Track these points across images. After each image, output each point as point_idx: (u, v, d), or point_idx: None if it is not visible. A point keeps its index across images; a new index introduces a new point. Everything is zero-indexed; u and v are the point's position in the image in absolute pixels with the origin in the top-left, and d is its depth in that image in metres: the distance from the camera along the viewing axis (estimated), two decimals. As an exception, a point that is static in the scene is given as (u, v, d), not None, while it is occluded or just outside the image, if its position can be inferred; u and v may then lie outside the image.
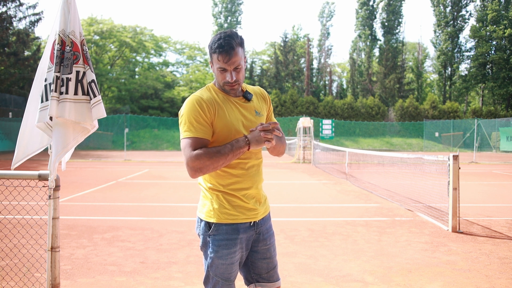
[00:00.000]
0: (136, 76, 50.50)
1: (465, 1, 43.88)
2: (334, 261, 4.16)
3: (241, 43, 1.87)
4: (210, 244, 1.92)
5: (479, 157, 24.46)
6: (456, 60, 45.05)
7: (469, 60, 44.31)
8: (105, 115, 2.56)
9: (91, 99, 2.54)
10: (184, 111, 1.86)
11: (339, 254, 4.42)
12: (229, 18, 48.28)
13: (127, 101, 46.06)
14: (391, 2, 46.15)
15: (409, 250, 4.55)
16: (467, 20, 44.25)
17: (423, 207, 7.11)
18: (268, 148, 1.97)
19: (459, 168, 5.47)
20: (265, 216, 2.06)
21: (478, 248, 4.66)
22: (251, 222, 1.96)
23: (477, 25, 41.57)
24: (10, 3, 30.11)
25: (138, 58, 52.61)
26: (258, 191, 2.00)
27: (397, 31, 46.60)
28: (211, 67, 1.93)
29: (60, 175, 2.71)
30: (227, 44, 1.81)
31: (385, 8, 46.36)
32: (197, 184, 2.03)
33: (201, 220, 1.97)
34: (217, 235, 1.91)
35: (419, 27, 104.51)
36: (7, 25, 29.21)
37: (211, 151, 1.77)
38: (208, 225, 1.93)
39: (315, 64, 51.89)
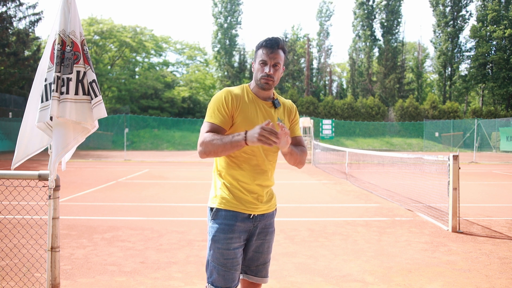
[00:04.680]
0: (136, 76, 50.44)
1: (465, 1, 43.80)
2: (334, 261, 4.17)
3: (284, 49, 2.07)
4: (210, 229, 2.05)
5: (479, 157, 24.45)
6: (456, 60, 44.97)
7: (469, 60, 44.23)
8: (106, 115, 2.57)
9: (92, 99, 2.54)
10: (212, 99, 2.05)
11: (339, 254, 4.42)
12: (229, 18, 48.19)
13: (127, 101, 46.01)
14: (390, 2, 46.09)
15: (409, 250, 4.55)
16: (467, 20, 44.17)
17: (423, 207, 7.11)
18: (285, 156, 2.06)
19: (459, 168, 5.47)
20: (268, 213, 2.14)
21: (478, 248, 4.66)
22: (250, 214, 2.05)
23: (477, 25, 41.52)
24: (10, 3, 30.09)
25: (138, 58, 52.56)
26: (261, 189, 2.07)
27: (396, 31, 46.48)
28: (253, 67, 2.11)
29: (60, 175, 2.71)
30: (273, 40, 2.03)
31: (384, 8, 46.31)
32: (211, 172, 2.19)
33: (208, 208, 2.12)
34: (216, 220, 2.04)
35: (419, 27, 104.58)
36: (7, 25, 29.20)
37: (215, 138, 1.91)
38: (211, 210, 2.07)
39: (315, 64, 51.84)
